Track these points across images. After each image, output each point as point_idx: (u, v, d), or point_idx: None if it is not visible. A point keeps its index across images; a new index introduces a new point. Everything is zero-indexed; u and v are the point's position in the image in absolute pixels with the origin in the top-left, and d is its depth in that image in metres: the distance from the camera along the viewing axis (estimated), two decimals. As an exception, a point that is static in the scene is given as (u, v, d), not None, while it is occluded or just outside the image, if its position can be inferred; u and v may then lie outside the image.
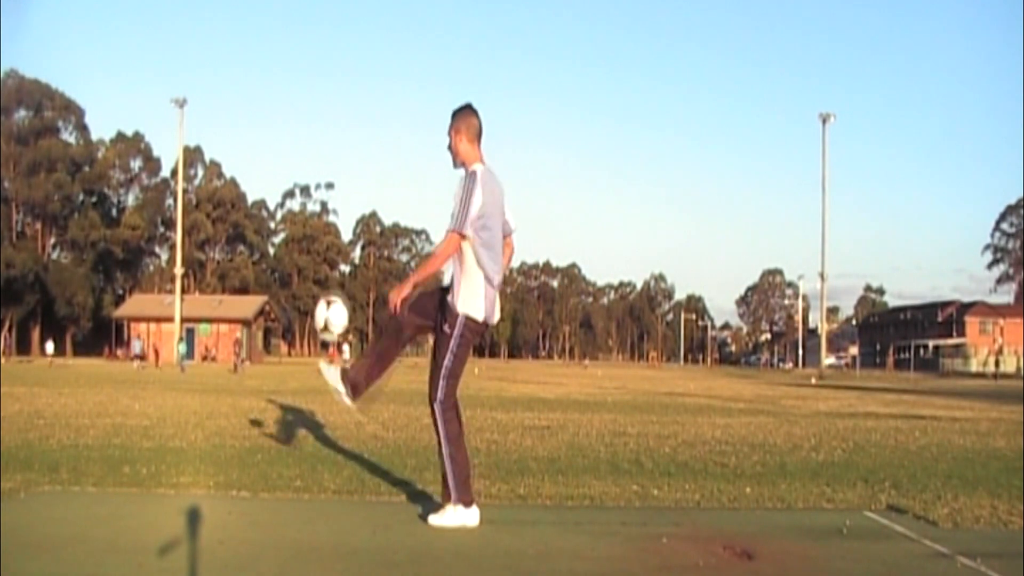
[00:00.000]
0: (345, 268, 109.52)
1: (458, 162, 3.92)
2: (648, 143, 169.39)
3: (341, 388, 3.99)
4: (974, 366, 59.58)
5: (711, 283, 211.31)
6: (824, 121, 48.22)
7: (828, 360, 58.89)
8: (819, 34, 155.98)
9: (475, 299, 3.85)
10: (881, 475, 5.57)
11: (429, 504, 4.36)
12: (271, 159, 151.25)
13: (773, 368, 78.00)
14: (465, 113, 3.91)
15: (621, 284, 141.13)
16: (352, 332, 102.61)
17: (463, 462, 3.81)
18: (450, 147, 3.91)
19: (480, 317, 3.86)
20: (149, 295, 64.28)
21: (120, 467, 5.29)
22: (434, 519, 3.78)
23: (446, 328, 3.87)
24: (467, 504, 3.79)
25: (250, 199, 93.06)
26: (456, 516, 3.76)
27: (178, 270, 49.23)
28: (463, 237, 3.77)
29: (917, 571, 3.27)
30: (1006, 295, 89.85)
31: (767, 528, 3.93)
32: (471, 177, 3.80)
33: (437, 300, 3.99)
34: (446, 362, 3.86)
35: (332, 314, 4.12)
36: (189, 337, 47.53)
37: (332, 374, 4.07)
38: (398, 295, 3.89)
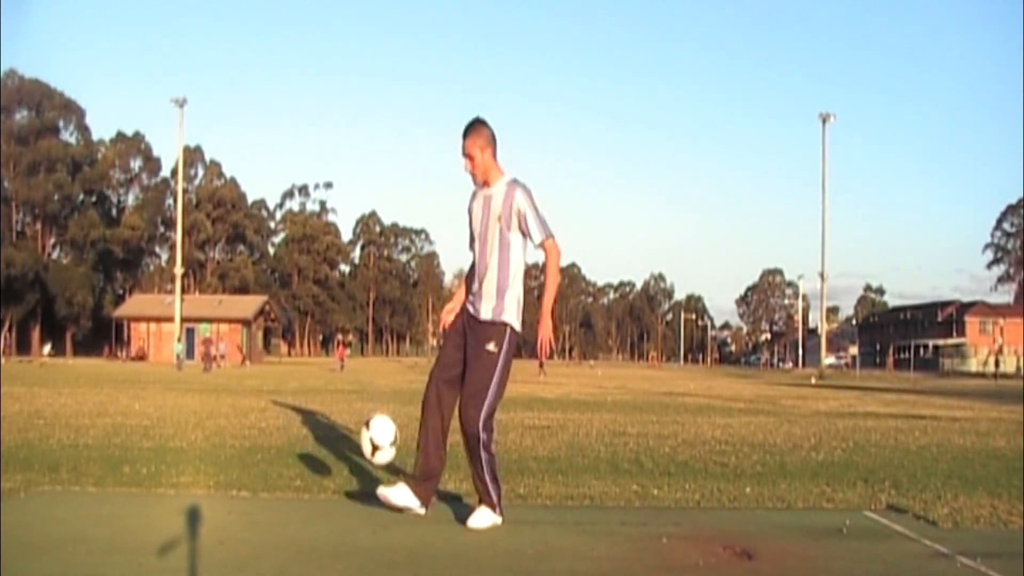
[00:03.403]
0: (345, 268, 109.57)
1: (483, 178, 3.83)
2: (648, 143, 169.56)
3: (415, 503, 3.83)
4: (974, 366, 59.56)
5: (711, 283, 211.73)
6: (824, 121, 48.15)
7: (828, 360, 58.81)
8: (819, 34, 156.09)
9: (518, 309, 3.85)
10: (881, 475, 5.57)
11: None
12: (271, 159, 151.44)
13: (773, 368, 77.99)
14: (486, 127, 3.81)
15: (621, 284, 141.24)
16: (352, 332, 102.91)
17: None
18: (476, 164, 3.79)
19: (519, 328, 3.85)
20: (149, 295, 64.31)
21: (120, 467, 5.29)
22: (475, 522, 3.76)
23: (491, 347, 3.76)
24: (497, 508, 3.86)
25: (250, 199, 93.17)
26: (492, 517, 3.79)
27: (178, 270, 49.20)
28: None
29: (917, 571, 3.27)
30: (1006, 295, 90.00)
31: (767, 528, 3.92)
32: (526, 189, 3.81)
33: (461, 323, 3.89)
34: (495, 381, 3.74)
35: (375, 431, 3.93)
36: (189, 337, 47.52)
37: (400, 495, 3.83)
38: (549, 332, 3.86)
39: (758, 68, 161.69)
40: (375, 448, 3.94)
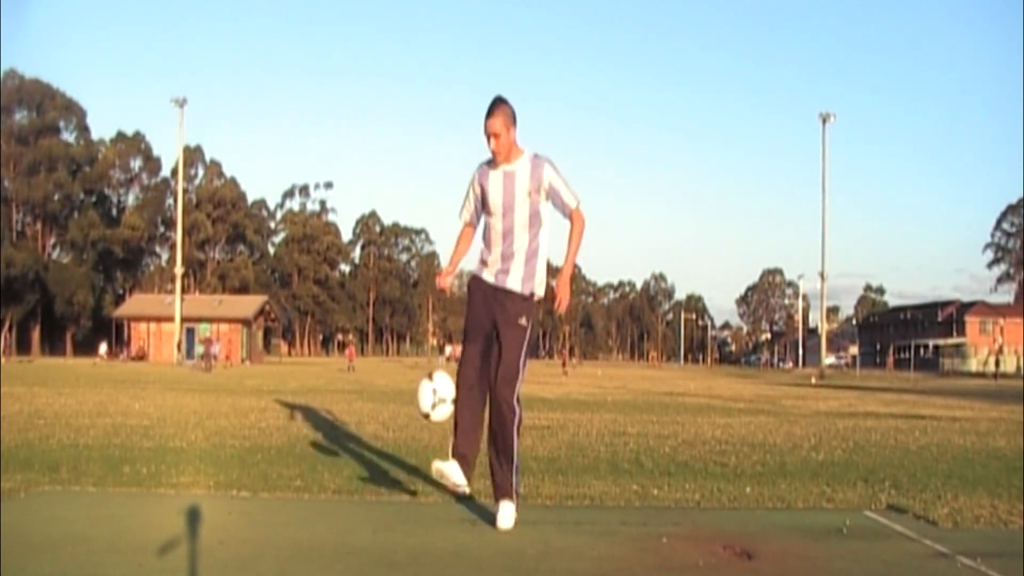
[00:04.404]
0: (345, 268, 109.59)
1: (505, 157, 3.83)
2: (648, 143, 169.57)
3: (463, 480, 3.77)
4: (974, 366, 59.55)
5: (711, 283, 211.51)
6: (824, 121, 48.17)
7: (828, 360, 58.80)
8: (819, 34, 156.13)
9: (543, 278, 3.92)
10: (881, 475, 5.57)
11: (429, 504, 4.36)
12: (271, 159, 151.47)
13: (773, 368, 77.99)
14: (509, 105, 3.80)
15: (621, 284, 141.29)
16: (352, 332, 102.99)
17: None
18: (501, 143, 3.78)
19: (542, 294, 3.92)
20: (149, 295, 64.24)
21: (120, 467, 5.29)
22: (507, 521, 3.74)
23: (522, 321, 3.82)
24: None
25: (250, 199, 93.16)
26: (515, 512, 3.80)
27: (178, 270, 49.22)
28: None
29: (917, 571, 3.27)
30: (1006, 295, 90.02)
31: (767, 528, 3.92)
32: (551, 161, 3.87)
33: (484, 298, 3.88)
34: (524, 354, 3.83)
35: (438, 383, 3.91)
36: (189, 337, 47.53)
37: (456, 472, 3.74)
38: (568, 289, 3.87)
39: (758, 68, 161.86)
40: (437, 401, 3.89)
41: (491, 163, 3.90)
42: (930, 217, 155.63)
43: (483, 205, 3.94)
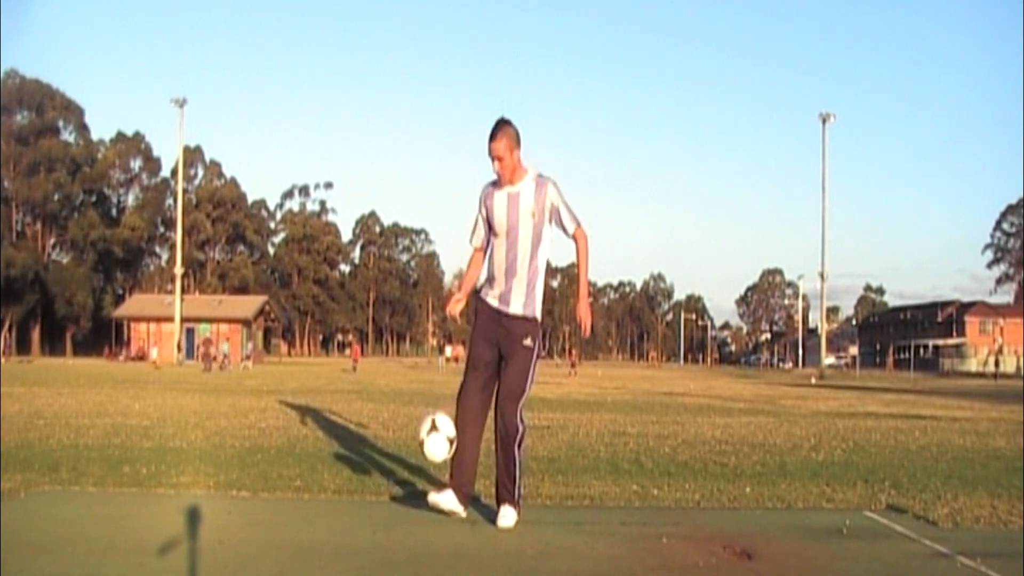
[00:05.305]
0: (345, 268, 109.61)
1: (510, 178, 3.85)
2: (648, 143, 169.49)
3: (459, 507, 3.83)
4: (974, 366, 59.58)
5: (711, 283, 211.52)
6: (824, 121, 48.20)
7: (828, 360, 58.85)
8: (819, 34, 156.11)
9: (541, 302, 3.95)
10: (881, 475, 5.58)
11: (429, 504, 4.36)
12: (271, 159, 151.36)
13: (773, 368, 78.00)
14: (512, 127, 3.82)
15: (621, 284, 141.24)
16: (352, 332, 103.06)
17: None
18: (505, 165, 3.80)
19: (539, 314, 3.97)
20: (149, 295, 64.27)
21: (120, 467, 5.29)
22: (507, 521, 3.78)
23: (527, 342, 3.86)
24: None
25: (250, 199, 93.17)
26: (516, 516, 3.82)
27: (178, 270, 49.24)
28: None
29: (917, 571, 3.27)
30: (1006, 295, 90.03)
31: (767, 528, 3.93)
32: (555, 182, 3.89)
33: (488, 322, 3.92)
34: (531, 375, 3.87)
35: (443, 426, 3.82)
36: (189, 337, 47.51)
37: (450, 500, 3.80)
38: (588, 312, 3.94)
39: (758, 68, 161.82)
40: (432, 429, 3.83)
41: (496, 184, 3.92)
42: (930, 217, 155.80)
43: (489, 226, 3.96)
